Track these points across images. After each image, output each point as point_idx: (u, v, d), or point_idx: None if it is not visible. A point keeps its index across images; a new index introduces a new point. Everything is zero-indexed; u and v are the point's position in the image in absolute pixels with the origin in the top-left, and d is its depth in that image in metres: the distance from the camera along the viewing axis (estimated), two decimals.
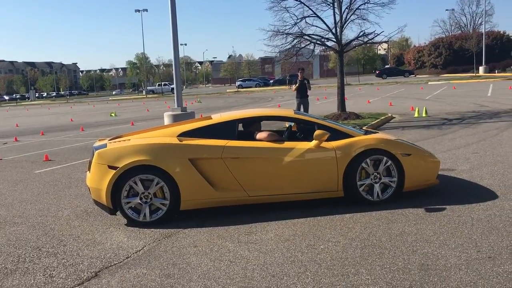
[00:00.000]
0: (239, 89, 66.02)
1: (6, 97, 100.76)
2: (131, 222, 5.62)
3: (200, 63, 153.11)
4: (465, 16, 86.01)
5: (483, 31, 59.75)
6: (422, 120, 14.96)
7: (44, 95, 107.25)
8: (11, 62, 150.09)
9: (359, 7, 15.50)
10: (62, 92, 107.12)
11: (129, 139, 6.05)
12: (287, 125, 7.40)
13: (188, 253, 4.64)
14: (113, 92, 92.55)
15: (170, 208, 5.62)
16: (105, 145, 5.93)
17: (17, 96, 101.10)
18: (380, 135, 6.43)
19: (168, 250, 4.76)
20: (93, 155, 5.82)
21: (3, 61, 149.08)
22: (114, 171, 5.53)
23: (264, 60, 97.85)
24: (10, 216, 6.44)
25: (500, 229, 4.76)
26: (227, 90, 65.65)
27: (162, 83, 78.75)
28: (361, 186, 5.86)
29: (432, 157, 6.30)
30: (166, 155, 5.65)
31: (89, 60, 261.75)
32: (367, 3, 15.49)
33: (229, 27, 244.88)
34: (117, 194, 5.54)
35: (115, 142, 6.04)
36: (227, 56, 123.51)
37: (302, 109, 14.70)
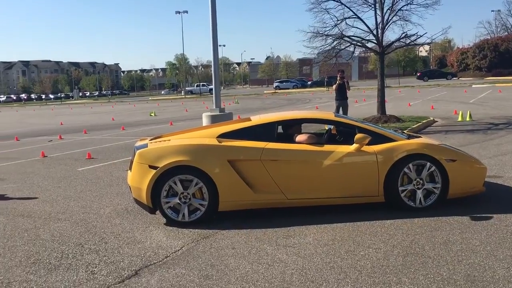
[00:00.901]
0: (276, 90, 65.92)
1: (52, 96, 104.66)
2: (170, 222, 5.68)
3: (238, 64, 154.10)
4: None
5: None
6: (466, 124, 14.47)
7: (87, 95, 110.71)
8: (57, 62, 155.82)
9: (402, 8, 15.15)
10: (104, 92, 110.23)
11: (170, 140, 6.12)
12: (327, 128, 7.31)
13: (226, 255, 4.64)
14: (162, 92, 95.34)
15: (209, 209, 5.64)
16: (146, 145, 6.02)
17: (62, 95, 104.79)
18: (423, 139, 6.25)
19: (206, 251, 4.78)
20: (135, 154, 5.92)
21: (49, 61, 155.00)
22: (155, 171, 5.61)
23: (302, 62, 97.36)
24: (54, 212, 6.64)
25: None
26: (265, 91, 65.69)
27: (201, 83, 79.70)
28: (402, 192, 5.70)
29: (478, 163, 6.07)
30: (205, 156, 5.69)
31: (130, 61, 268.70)
32: (410, 4, 15.12)
33: (268, 28, 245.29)
34: (157, 194, 5.61)
35: (156, 142, 6.12)
36: (265, 57, 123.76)
37: (341, 111, 14.52)
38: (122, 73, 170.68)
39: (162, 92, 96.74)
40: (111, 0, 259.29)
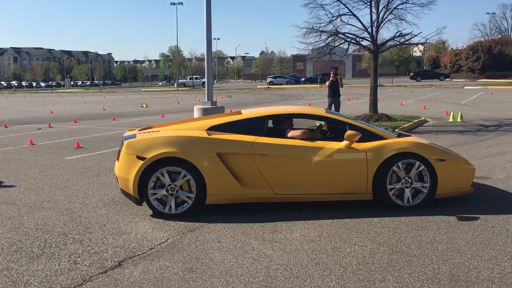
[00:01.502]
0: (269, 86, 65.89)
1: (43, 84, 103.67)
2: (157, 214, 5.62)
3: (232, 58, 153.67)
4: (506, 20, 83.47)
5: None
6: (457, 125, 14.54)
7: (78, 84, 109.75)
8: (49, 50, 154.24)
9: (397, 7, 15.12)
10: (96, 82, 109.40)
11: (159, 131, 6.05)
12: (318, 124, 7.29)
13: (211, 248, 4.60)
14: (160, 83, 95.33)
15: (196, 201, 5.59)
16: (134, 136, 5.95)
17: (53, 84, 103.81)
18: (413, 138, 6.25)
19: (191, 244, 4.74)
20: (122, 144, 5.85)
21: (41, 48, 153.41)
22: (142, 161, 5.55)
23: (296, 58, 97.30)
24: (40, 200, 6.56)
25: None
26: (258, 86, 65.63)
27: (194, 76, 79.41)
28: (391, 190, 5.69)
29: (467, 163, 6.08)
30: (194, 148, 5.63)
31: (124, 51, 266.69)
32: (406, 3, 15.09)
33: (263, 23, 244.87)
34: (144, 185, 5.55)
35: (145, 133, 6.05)
36: (259, 52, 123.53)
37: (333, 108, 14.50)
38: (115, 63, 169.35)
39: (160, 83, 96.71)
40: None
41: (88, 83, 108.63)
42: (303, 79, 73.63)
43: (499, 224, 5.11)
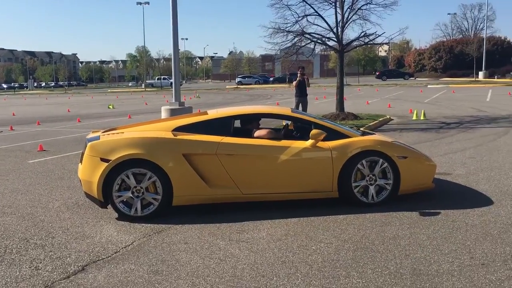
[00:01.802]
0: (238, 86, 65.90)
1: (5, 86, 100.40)
2: (122, 216, 5.54)
3: (201, 58, 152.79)
4: (467, 21, 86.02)
5: (484, 36, 59.70)
6: (420, 123, 14.92)
7: (42, 85, 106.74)
8: (11, 51, 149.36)
9: (361, 7, 15.41)
10: (61, 83, 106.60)
11: (123, 132, 5.97)
12: (284, 124, 7.35)
13: (178, 250, 4.57)
14: (129, 84, 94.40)
15: (162, 203, 5.54)
16: (98, 137, 5.85)
17: (16, 85, 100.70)
18: (376, 136, 6.37)
19: (158, 246, 4.69)
20: (86, 147, 5.74)
21: (3, 49, 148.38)
22: (106, 164, 5.45)
23: (265, 58, 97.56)
24: (0, 206, 6.35)
25: (494, 236, 4.71)
26: (227, 86, 65.53)
27: (162, 77, 78.51)
28: (356, 188, 5.80)
29: (429, 160, 6.24)
30: (159, 150, 5.58)
31: (89, 52, 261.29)
32: (369, 3, 15.40)
33: (231, 23, 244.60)
34: (108, 187, 5.46)
35: (109, 134, 5.95)
36: (228, 52, 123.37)
37: (300, 108, 14.62)
38: (80, 64, 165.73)
39: (130, 84, 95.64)
40: None
41: (52, 84, 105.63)
42: (271, 79, 73.94)
43: (459, 219, 5.27)
